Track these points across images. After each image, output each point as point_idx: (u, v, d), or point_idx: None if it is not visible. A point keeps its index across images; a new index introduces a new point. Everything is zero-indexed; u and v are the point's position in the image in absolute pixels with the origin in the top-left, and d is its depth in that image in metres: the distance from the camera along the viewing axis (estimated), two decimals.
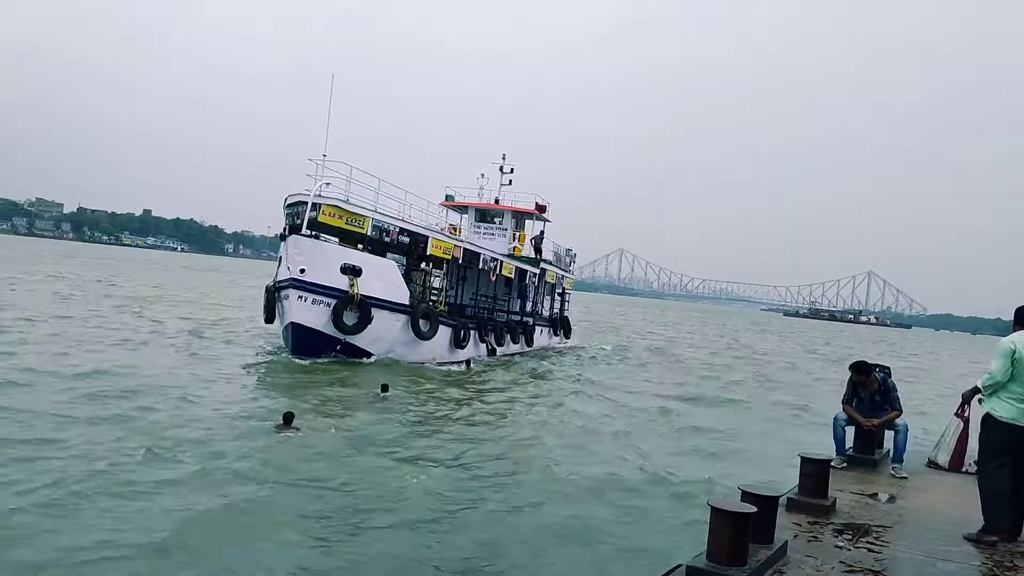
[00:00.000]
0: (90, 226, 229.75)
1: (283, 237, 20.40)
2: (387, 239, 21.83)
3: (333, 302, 19.69)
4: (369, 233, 21.05)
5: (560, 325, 35.88)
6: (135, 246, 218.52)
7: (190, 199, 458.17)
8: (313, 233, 20.56)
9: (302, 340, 19.69)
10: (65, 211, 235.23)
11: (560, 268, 35.64)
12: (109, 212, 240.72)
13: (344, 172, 21.04)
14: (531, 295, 31.79)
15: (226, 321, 29.49)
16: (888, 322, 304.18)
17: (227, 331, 25.93)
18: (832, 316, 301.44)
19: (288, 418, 11.74)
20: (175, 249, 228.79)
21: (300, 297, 19.48)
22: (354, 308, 20.00)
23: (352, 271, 19.95)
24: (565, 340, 36.29)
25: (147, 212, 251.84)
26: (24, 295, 31.76)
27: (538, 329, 31.67)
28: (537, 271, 31.14)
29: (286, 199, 22.13)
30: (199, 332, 24.58)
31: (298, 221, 20.17)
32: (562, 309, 37.65)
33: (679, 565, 4.64)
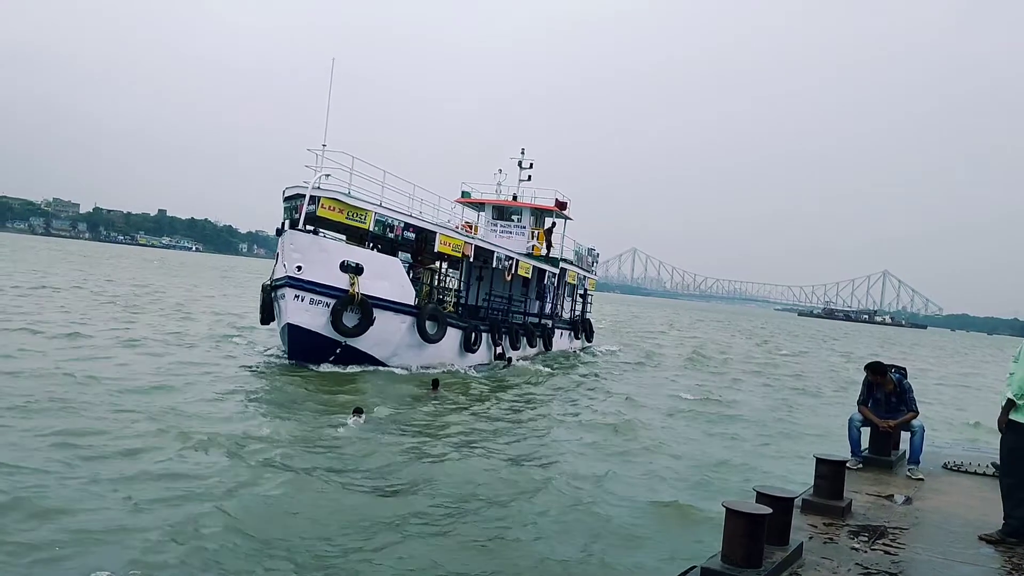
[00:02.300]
0: (106, 226, 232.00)
1: (280, 232, 18.94)
2: (391, 235, 20.36)
3: (332, 302, 18.46)
4: (371, 228, 19.60)
5: (582, 328, 34.21)
6: (150, 246, 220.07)
7: (204, 199, 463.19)
8: (313, 228, 19.38)
9: (299, 343, 18.63)
10: (81, 211, 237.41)
11: (582, 268, 34.20)
12: (124, 212, 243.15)
13: (346, 163, 19.37)
14: (550, 296, 30.25)
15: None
16: (903, 322, 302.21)
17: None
18: (847, 316, 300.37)
19: (358, 410, 12.88)
20: (190, 249, 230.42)
21: (297, 297, 18.30)
22: (355, 308, 18.74)
23: (353, 269, 18.70)
24: (587, 343, 34.59)
25: (162, 212, 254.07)
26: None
27: (558, 332, 30.11)
28: (556, 271, 29.74)
29: (284, 191, 20.77)
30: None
31: (297, 215, 18.87)
32: (584, 311, 36.09)
33: (694, 566, 4.61)
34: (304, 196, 18.48)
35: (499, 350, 24.13)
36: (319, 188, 18.68)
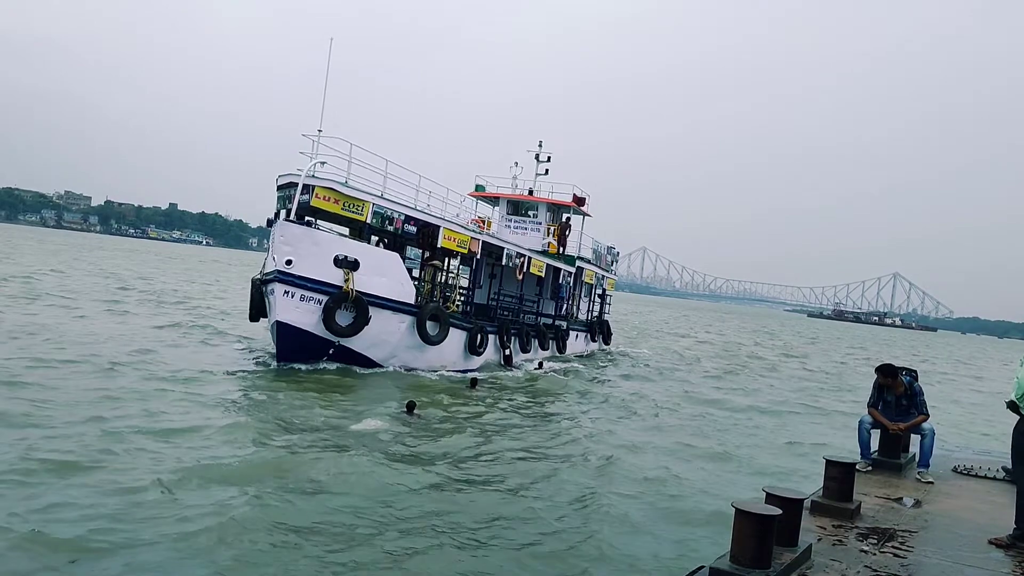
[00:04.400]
0: (117, 219, 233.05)
1: (271, 223, 17.52)
2: (390, 227, 19.03)
3: (324, 299, 17.17)
4: (369, 220, 18.25)
5: (599, 329, 32.67)
6: (161, 239, 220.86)
7: (215, 194, 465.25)
8: (309, 220, 18.08)
9: (288, 342, 17.18)
10: (92, 204, 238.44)
11: (600, 267, 32.99)
12: (136, 205, 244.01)
13: (344, 150, 17.91)
14: (565, 296, 28.69)
15: None
16: (913, 324, 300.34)
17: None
18: (856, 318, 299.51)
19: (411, 406, 13.60)
20: (200, 242, 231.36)
21: (286, 293, 16.89)
22: (349, 306, 17.45)
23: (348, 264, 17.43)
24: (605, 346, 32.94)
25: (173, 206, 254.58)
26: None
27: (573, 334, 28.61)
28: (572, 269, 28.53)
29: (277, 179, 19.23)
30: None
31: (290, 205, 17.45)
32: (601, 312, 34.61)
33: (702, 566, 4.62)
34: (298, 185, 17.24)
35: (507, 352, 22.99)
36: (313, 176, 17.34)
